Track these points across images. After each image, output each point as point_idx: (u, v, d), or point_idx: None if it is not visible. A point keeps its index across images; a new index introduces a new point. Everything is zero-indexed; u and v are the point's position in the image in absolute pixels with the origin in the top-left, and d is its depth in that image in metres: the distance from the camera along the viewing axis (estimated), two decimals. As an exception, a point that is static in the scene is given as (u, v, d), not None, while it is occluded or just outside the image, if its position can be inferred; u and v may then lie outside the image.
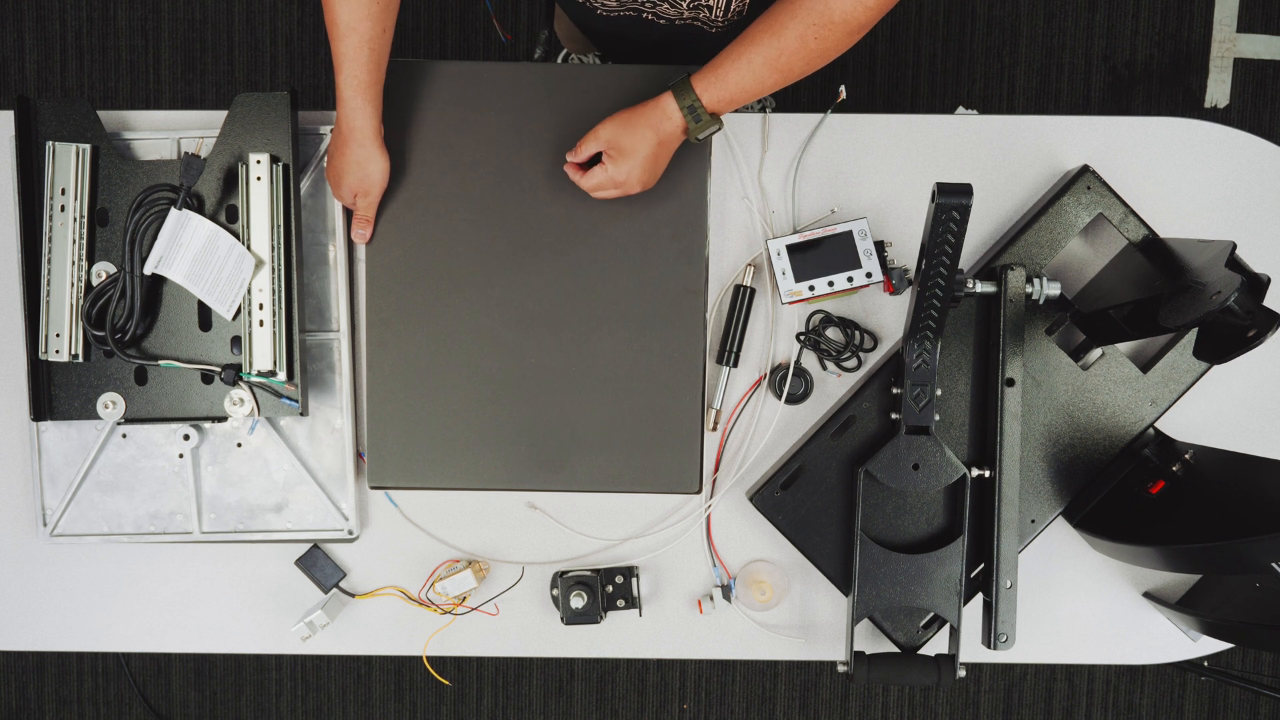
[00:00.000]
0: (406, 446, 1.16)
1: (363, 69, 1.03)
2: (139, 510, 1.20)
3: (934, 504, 1.17)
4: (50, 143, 1.14)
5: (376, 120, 1.07)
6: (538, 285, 1.16)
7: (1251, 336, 0.95)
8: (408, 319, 1.16)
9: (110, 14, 2.04)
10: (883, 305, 1.21)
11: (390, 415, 1.16)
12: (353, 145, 1.07)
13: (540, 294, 1.16)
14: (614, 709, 2.12)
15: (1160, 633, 1.24)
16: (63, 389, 1.17)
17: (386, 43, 1.04)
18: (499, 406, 1.16)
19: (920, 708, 2.12)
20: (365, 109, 1.05)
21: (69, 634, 1.25)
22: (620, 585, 1.21)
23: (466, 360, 1.16)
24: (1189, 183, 1.21)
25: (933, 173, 1.21)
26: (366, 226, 1.15)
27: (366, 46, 1.01)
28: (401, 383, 1.16)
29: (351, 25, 1.00)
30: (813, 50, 0.97)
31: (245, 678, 2.14)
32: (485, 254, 1.16)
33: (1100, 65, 2.03)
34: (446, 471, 1.17)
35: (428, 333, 1.16)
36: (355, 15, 0.99)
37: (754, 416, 1.22)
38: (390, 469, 1.17)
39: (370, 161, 1.09)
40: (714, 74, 1.00)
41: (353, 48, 1.01)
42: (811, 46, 0.97)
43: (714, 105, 1.01)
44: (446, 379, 1.16)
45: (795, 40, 0.97)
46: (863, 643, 1.21)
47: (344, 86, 1.03)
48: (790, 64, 0.99)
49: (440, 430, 1.16)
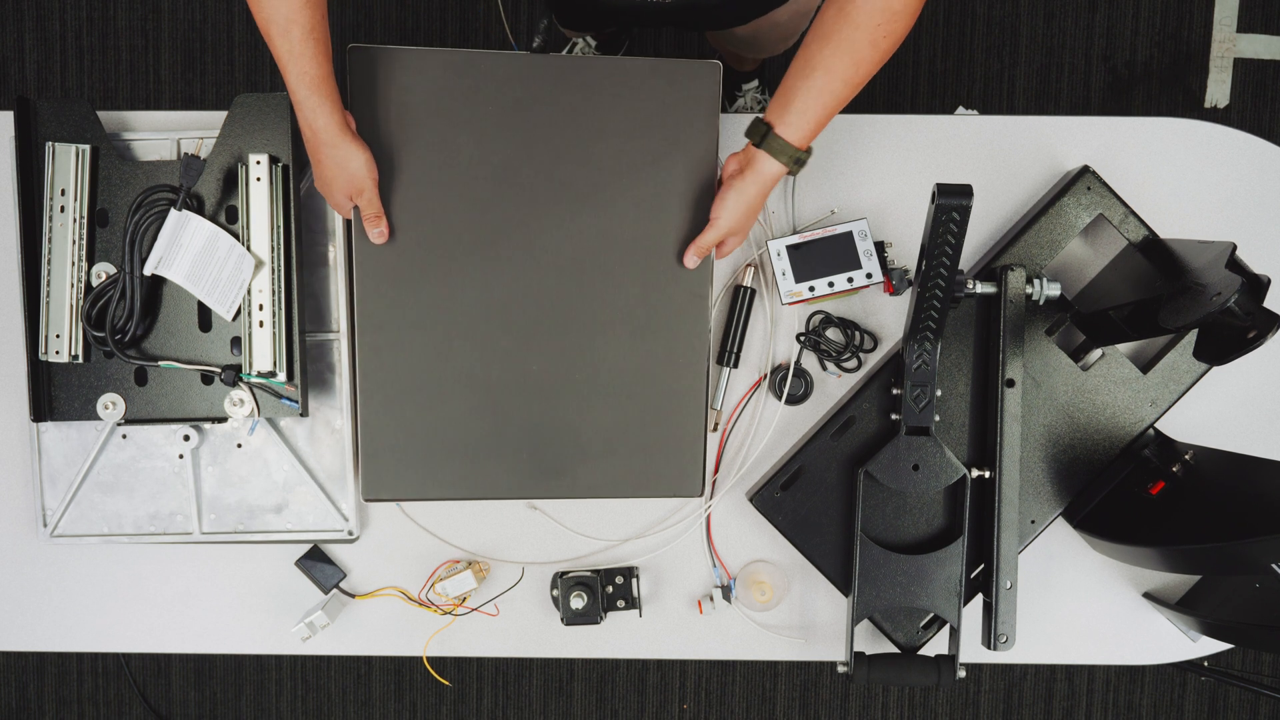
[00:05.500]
0: (402, 457, 1.12)
1: (311, 62, 0.95)
2: (139, 511, 1.20)
3: (934, 505, 1.17)
4: (50, 143, 1.14)
5: (339, 113, 1.00)
6: (538, 289, 1.12)
7: (1252, 338, 0.95)
8: (401, 324, 1.11)
9: (110, 14, 2.04)
10: (883, 306, 1.21)
11: (385, 425, 1.12)
12: (325, 147, 1.01)
13: (540, 298, 1.13)
14: (614, 709, 2.12)
15: (1160, 633, 1.24)
16: (63, 390, 1.17)
17: (326, 29, 0.97)
18: (497, 414, 1.13)
19: (920, 708, 2.12)
20: (323, 105, 0.98)
21: (69, 634, 1.25)
22: (620, 586, 1.21)
23: (463, 366, 1.12)
24: (1189, 183, 1.21)
25: (933, 173, 1.21)
26: (379, 222, 1.09)
27: (310, 37, 0.94)
28: (396, 390, 1.12)
29: (291, 18, 0.93)
30: (884, 48, 0.95)
31: (245, 678, 2.14)
32: (482, 256, 1.11)
33: (1100, 65, 2.03)
34: (444, 482, 1.13)
35: (423, 338, 1.12)
36: (292, 6, 0.92)
37: (754, 417, 1.22)
38: (386, 481, 1.13)
39: (350, 158, 1.03)
40: (794, 113, 0.99)
41: (297, 42, 0.94)
42: (883, 46, 0.95)
43: (804, 142, 1.01)
44: (443, 386, 1.12)
45: (868, 47, 0.94)
46: (863, 643, 1.21)
47: (296, 87, 0.96)
48: (868, 69, 0.97)
49: (437, 439, 1.12)
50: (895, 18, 0.93)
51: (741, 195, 1.05)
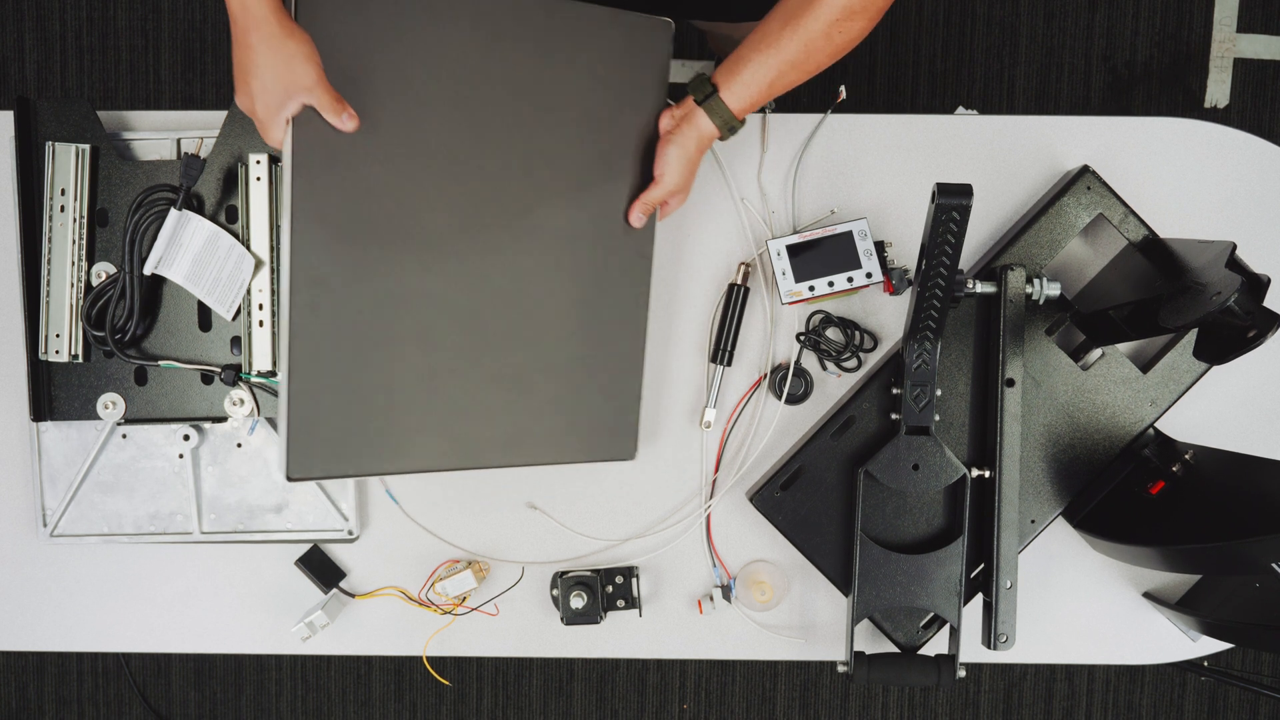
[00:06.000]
0: (338, 429, 0.99)
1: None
2: (139, 510, 1.20)
3: (934, 504, 1.17)
4: (50, 143, 1.14)
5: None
6: (480, 244, 1.03)
7: (1252, 337, 0.95)
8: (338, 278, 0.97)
9: (110, 14, 2.04)
10: (883, 305, 1.21)
11: (319, 393, 0.97)
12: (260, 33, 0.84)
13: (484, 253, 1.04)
14: (614, 709, 2.12)
15: (1160, 633, 1.24)
16: (63, 389, 1.17)
17: None
18: (434, 379, 1.03)
19: (920, 708, 2.12)
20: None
21: (69, 634, 1.25)
22: (620, 585, 1.21)
23: (401, 324, 1.01)
24: (1189, 183, 1.21)
25: (933, 173, 1.21)
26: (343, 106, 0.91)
27: None
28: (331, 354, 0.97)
29: None
30: (839, 44, 0.98)
31: (245, 678, 2.14)
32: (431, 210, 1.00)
33: (1100, 65, 2.03)
34: (376, 455, 1.01)
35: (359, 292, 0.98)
36: None
37: (754, 417, 1.22)
38: (318, 456, 0.98)
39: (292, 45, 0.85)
40: (740, 83, 1.01)
41: None
42: (838, 41, 0.97)
43: (742, 112, 1.03)
44: (379, 346, 0.99)
45: (822, 38, 0.97)
46: (863, 643, 1.21)
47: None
48: (818, 60, 0.99)
49: (372, 408, 1.00)
50: (854, 17, 0.96)
51: (684, 151, 1.05)
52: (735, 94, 1.01)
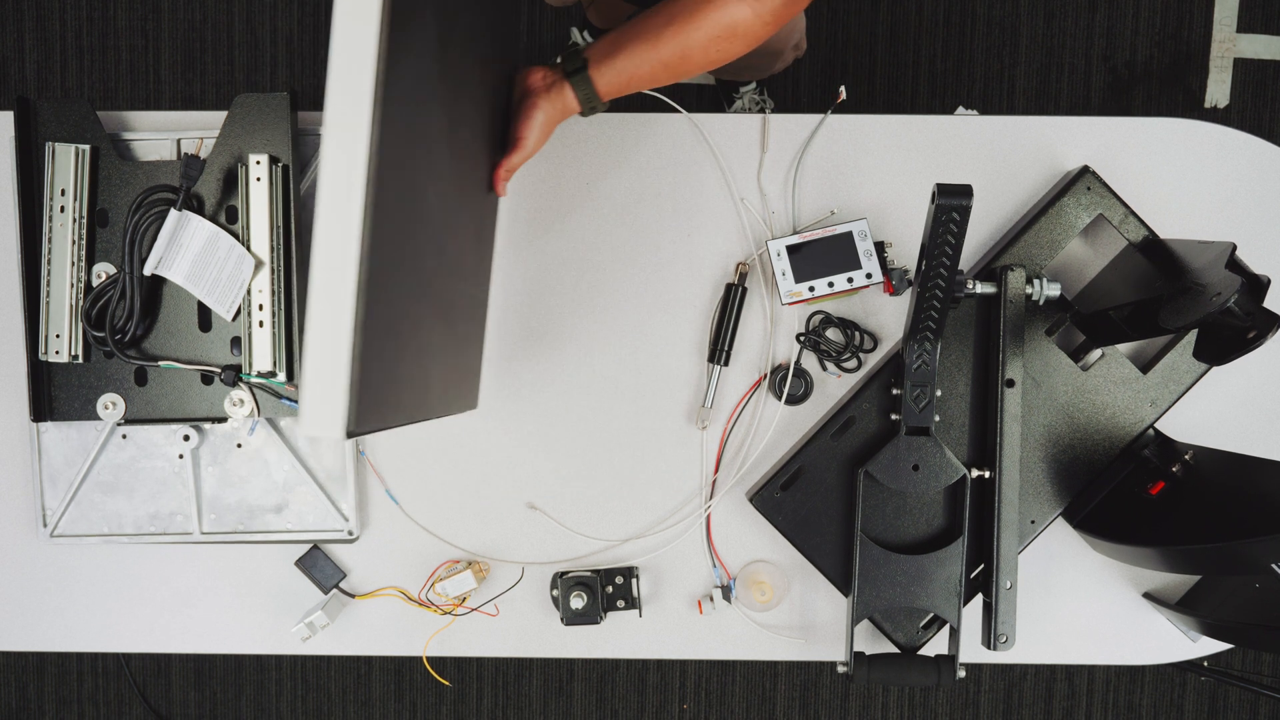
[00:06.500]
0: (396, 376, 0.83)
1: None
2: (139, 511, 1.20)
3: (934, 505, 1.17)
4: (50, 143, 1.14)
5: None
6: None
7: (1252, 338, 0.95)
8: None
9: (110, 14, 2.04)
10: (883, 306, 1.21)
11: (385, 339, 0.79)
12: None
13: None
14: (614, 709, 2.12)
15: (1160, 633, 1.24)
16: (63, 390, 1.17)
17: None
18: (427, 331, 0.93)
19: (920, 708, 2.12)
20: None
21: (69, 634, 1.25)
22: (620, 586, 1.21)
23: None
24: (1189, 183, 1.21)
25: (933, 173, 1.21)
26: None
27: None
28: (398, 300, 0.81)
29: None
30: (713, 59, 1.00)
31: (245, 678, 2.14)
32: None
33: (1100, 65, 2.03)
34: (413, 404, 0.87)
35: None
36: None
37: (754, 417, 1.22)
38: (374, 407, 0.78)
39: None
40: (613, 69, 1.01)
41: None
42: (713, 55, 1.00)
43: (607, 96, 1.03)
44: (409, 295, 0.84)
45: (700, 49, 0.99)
46: (863, 643, 1.21)
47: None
48: (690, 68, 1.01)
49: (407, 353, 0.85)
50: (734, 40, 0.99)
51: (548, 117, 1.04)
52: (605, 77, 1.01)
